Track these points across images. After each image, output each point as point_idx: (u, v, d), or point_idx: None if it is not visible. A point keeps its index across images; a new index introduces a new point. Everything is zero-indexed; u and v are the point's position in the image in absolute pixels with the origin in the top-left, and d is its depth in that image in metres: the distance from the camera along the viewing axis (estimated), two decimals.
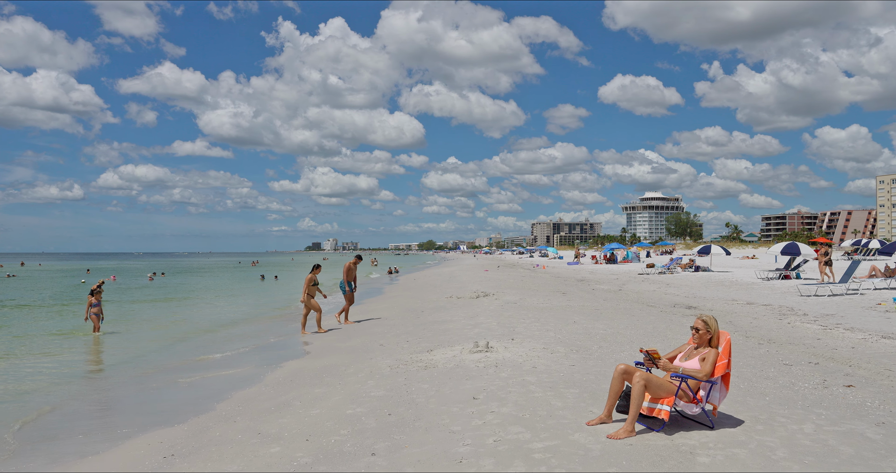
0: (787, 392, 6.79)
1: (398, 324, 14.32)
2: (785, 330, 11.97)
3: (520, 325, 12.26)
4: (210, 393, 8.61)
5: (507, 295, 20.04)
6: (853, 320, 13.23)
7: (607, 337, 10.66)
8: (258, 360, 11.11)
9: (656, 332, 11.44)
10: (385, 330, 13.58)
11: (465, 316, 14.44)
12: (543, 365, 8.06)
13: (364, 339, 12.36)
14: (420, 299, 21.52)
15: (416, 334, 12.21)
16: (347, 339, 12.77)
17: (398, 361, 9.14)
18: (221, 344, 13.75)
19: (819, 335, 11.24)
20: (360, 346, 11.46)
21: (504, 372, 7.62)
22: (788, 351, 9.59)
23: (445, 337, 11.26)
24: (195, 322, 19.49)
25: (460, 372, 7.85)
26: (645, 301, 18.62)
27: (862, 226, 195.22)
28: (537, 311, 15.02)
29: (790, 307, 16.07)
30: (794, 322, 13.07)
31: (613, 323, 12.65)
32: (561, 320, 13.19)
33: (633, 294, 21.54)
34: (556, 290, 22.77)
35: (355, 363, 9.56)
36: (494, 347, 9.37)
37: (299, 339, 13.59)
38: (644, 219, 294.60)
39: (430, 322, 14.13)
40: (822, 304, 16.51)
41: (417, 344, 10.83)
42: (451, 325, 13.08)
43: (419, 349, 10.15)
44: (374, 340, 12.02)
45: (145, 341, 15.06)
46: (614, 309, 15.65)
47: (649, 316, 14.10)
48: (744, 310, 15.63)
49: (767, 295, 19.64)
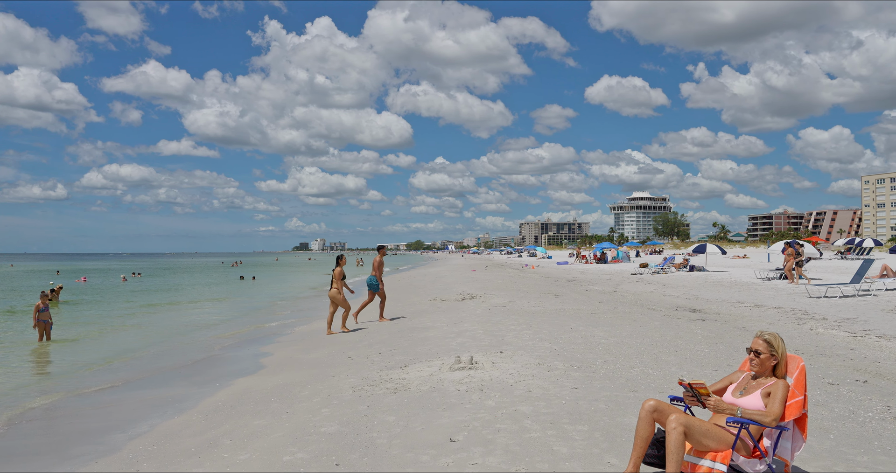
0: (852, 425, 5.33)
1: (373, 331, 12.77)
2: (809, 338, 10.55)
3: (509, 333, 10.76)
4: (123, 424, 7.04)
5: (495, 298, 18.54)
6: (880, 325, 11.85)
7: (611, 348, 9.17)
8: (202, 377, 9.53)
9: (665, 341, 9.98)
10: (358, 338, 12.03)
11: (449, 322, 12.92)
12: (540, 387, 6.55)
13: (331, 350, 10.80)
14: (401, 302, 19.96)
15: (391, 344, 10.67)
16: (313, 349, 11.21)
17: (364, 380, 7.60)
18: (167, 356, 12.16)
19: (851, 344, 9.83)
20: (325, 359, 9.90)
21: (491, 398, 6.09)
22: (825, 364, 8.15)
23: (424, 348, 9.73)
24: (151, 329, 17.85)
25: (437, 397, 6.33)
26: (644, 303, 17.19)
27: (847, 225, 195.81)
28: (528, 316, 13.53)
29: (804, 310, 14.68)
30: (815, 328, 11.66)
31: (615, 330, 11.18)
32: (555, 326, 11.70)
33: (630, 295, 20.11)
34: (548, 292, 21.30)
35: (314, 382, 8.02)
36: (480, 362, 7.85)
37: (258, 349, 12.00)
38: (632, 219, 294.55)
39: (410, 328, 12.60)
40: (837, 307, 15.14)
41: (391, 356, 9.30)
42: (432, 333, 11.55)
43: (392, 364, 8.62)
44: (343, 351, 10.47)
45: (88, 352, 13.42)
46: (613, 314, 14.19)
47: (653, 322, 12.64)
48: (754, 314, 14.23)
49: (773, 297, 18.28)
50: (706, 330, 11.34)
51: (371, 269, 14.81)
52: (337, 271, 13.64)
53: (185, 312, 22.44)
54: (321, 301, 25.00)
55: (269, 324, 17.06)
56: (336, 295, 13.43)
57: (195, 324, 18.36)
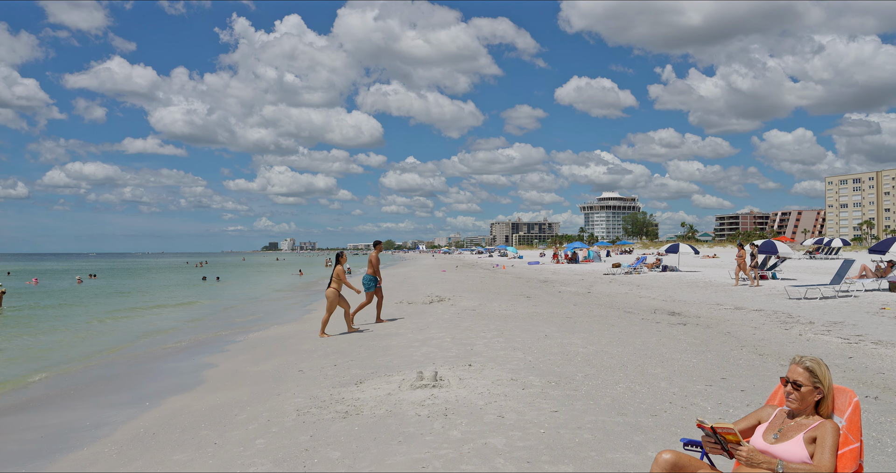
0: (882, 457, 4.50)
1: (331, 339, 11.74)
2: (801, 344, 9.82)
3: (479, 341, 9.83)
4: (16, 458, 5.92)
5: (465, 300, 17.63)
6: (870, 330, 11.20)
7: (591, 359, 8.30)
8: (131, 394, 8.41)
9: (648, 349, 9.15)
10: (314, 346, 11.00)
11: (414, 328, 11.96)
12: (513, 411, 5.62)
13: (283, 361, 9.75)
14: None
15: (349, 354, 9.66)
16: (264, 360, 10.14)
17: (312, 401, 6.60)
18: (98, 370, 11.00)
19: (847, 351, 9.11)
20: (273, 372, 8.86)
21: (456, 427, 5.15)
22: None
23: (384, 360, 8.75)
24: (91, 337, 16.56)
25: (393, 425, 5.36)
26: (619, 305, 16.42)
27: (811, 225, 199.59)
28: (500, 320, 12.63)
29: (787, 312, 14.04)
30: (804, 333, 10.96)
31: (593, 337, 10.33)
32: (529, 333, 10.81)
33: (604, 297, 19.37)
34: (520, 293, 20.45)
35: (255, 402, 6.98)
36: (445, 378, 6.90)
37: (204, 360, 10.89)
38: (601, 219, 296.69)
39: (371, 336, 11.60)
40: (820, 309, 14.54)
41: (346, 369, 8.30)
42: (396, 341, 10.58)
43: (346, 379, 7.63)
44: (296, 362, 9.43)
45: (9, 366, 12.16)
46: (588, 317, 13.38)
47: (632, 327, 11.84)
48: (736, 317, 13.53)
49: (752, 298, 17.68)
50: (689, 336, 10.56)
51: (367, 267, 13.69)
52: (338, 269, 12.54)
53: (134, 316, 21.09)
54: (282, 304, 23.82)
55: (222, 331, 15.90)
56: (332, 295, 12.37)
57: (142, 331, 17.11)
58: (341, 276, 12.48)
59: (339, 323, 13.85)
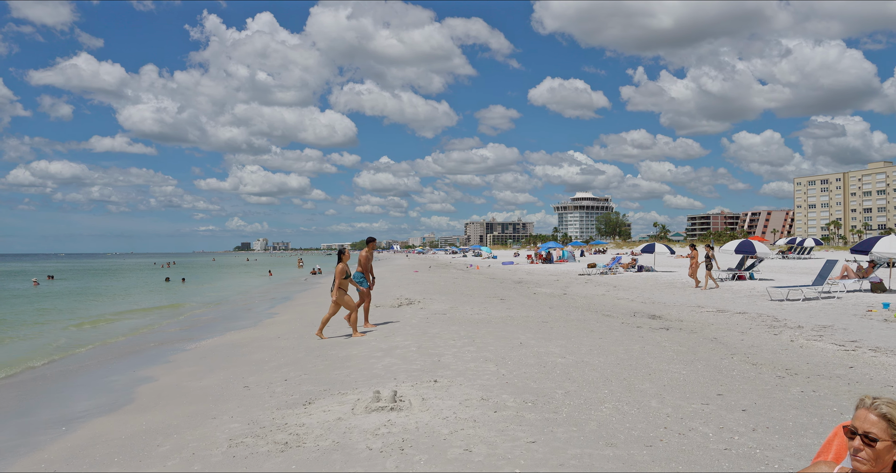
0: None
1: (287, 348, 10.75)
2: (795, 352, 9.11)
3: (448, 351, 8.95)
4: None
5: (436, 303, 16.75)
6: (863, 334, 10.56)
7: (570, 372, 7.47)
8: (50, 415, 7.34)
9: (632, 359, 8.35)
10: (266, 356, 10.01)
11: (379, 335, 11.04)
12: (483, 442, 4.75)
13: (230, 374, 8.75)
14: None
15: (302, 366, 8.71)
16: (210, 372, 9.13)
17: (250, 427, 5.65)
18: (19, 386, 9.87)
19: (845, 360, 8.41)
20: (216, 388, 7.87)
21: (414, 466, 4.25)
22: (831, 390, 6.64)
23: (341, 374, 7.83)
24: (29, 344, 15.34)
25: (338, 462, 4.45)
26: (597, 308, 15.67)
27: (780, 225, 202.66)
28: (472, 326, 11.77)
29: (772, 315, 13.40)
30: (796, 338, 10.26)
31: (571, 345, 9.51)
32: (502, 340, 9.96)
33: (581, 299, 18.62)
34: (493, 295, 19.63)
35: (186, 427, 6.01)
36: (406, 399, 6.01)
37: (142, 372, 9.82)
38: (575, 219, 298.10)
39: (332, 344, 10.65)
40: (805, 312, 13.94)
41: (297, 385, 7.36)
42: (357, 350, 9.65)
43: (295, 398, 6.69)
44: (243, 376, 8.45)
45: None
46: (565, 321, 12.58)
47: (612, 332, 11.06)
48: (720, 321, 12.85)
49: (733, 300, 17.07)
50: (674, 343, 9.80)
51: (356, 265, 12.61)
52: (339, 268, 11.41)
53: (82, 321, 19.80)
54: (244, 307, 22.70)
55: (172, 338, 14.79)
56: (341, 297, 11.33)
57: (86, 338, 15.91)
58: (339, 276, 11.38)
59: (341, 325, 12.87)
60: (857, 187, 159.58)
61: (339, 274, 11.45)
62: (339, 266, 11.55)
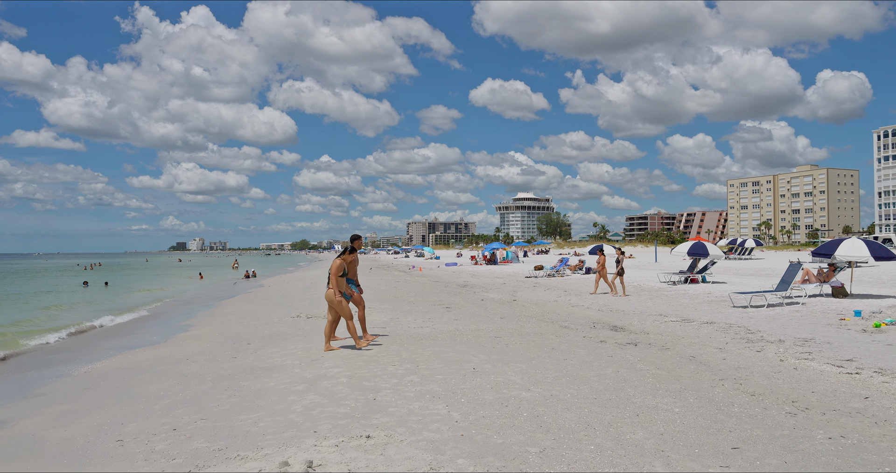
0: None
1: (192, 375, 8.88)
2: (788, 374, 7.86)
3: (386, 383, 7.30)
4: None
5: (375, 313, 15.06)
6: (853, 351, 9.46)
7: (540, 413, 5.94)
8: None
9: (609, 389, 6.91)
10: (164, 388, 8.13)
11: (304, 359, 9.28)
12: None
13: (105, 418, 6.86)
14: (258, 319, 16.01)
15: (203, 405, 6.90)
16: (81, 415, 7.19)
17: None
18: None
19: (854, 387, 7.17)
20: (77, 443, 5.98)
21: None
22: (859, 434, 5.31)
23: (246, 420, 6.08)
24: None
25: None
26: (552, 318, 14.29)
27: (714, 225, 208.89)
28: (415, 344, 10.15)
29: (744, 326, 12.28)
30: (784, 357, 9.05)
31: (533, 369, 8.02)
32: (451, 364, 8.38)
33: (533, 306, 17.25)
34: (438, 303, 18.06)
35: None
36: (323, 468, 4.33)
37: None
38: (517, 219, 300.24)
39: (246, 369, 8.84)
40: (775, 321, 12.90)
41: (185, 442, 5.57)
42: (275, 380, 7.89)
43: (175, 465, 4.93)
44: (121, 422, 6.58)
45: None
46: (521, 336, 11.12)
47: (576, 350, 9.64)
48: (689, 333, 11.62)
49: (693, 307, 16.01)
50: (650, 365, 8.44)
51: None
52: (336, 264, 9.47)
53: None
54: (158, 318, 20.41)
55: (57, 360, 12.61)
56: (333, 298, 9.50)
57: None
58: (335, 273, 9.52)
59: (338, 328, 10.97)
60: (787, 189, 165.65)
61: (334, 271, 9.53)
62: (337, 261, 9.61)
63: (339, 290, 9.66)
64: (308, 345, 10.55)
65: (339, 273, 9.64)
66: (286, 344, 10.96)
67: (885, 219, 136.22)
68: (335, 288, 9.65)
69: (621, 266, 19.98)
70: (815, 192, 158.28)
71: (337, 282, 9.64)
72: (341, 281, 9.75)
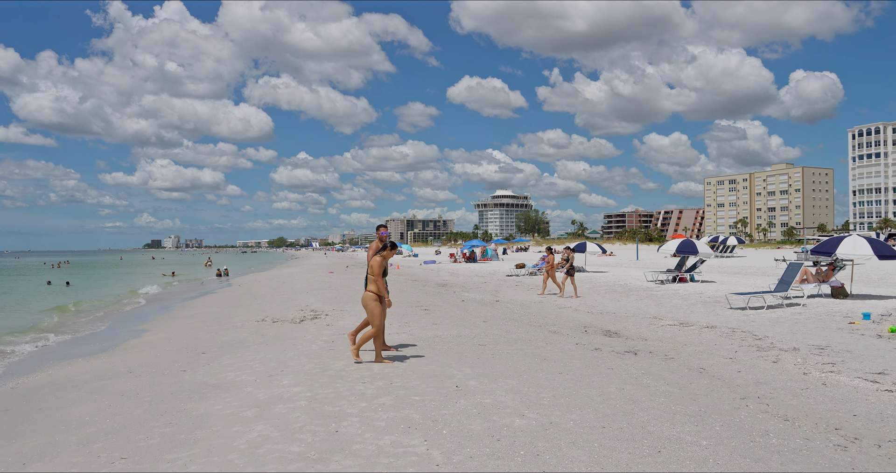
0: None
1: (129, 394, 7.63)
2: (818, 391, 6.83)
3: (353, 408, 6.13)
4: None
5: (347, 316, 13.87)
6: (881, 362, 8.48)
7: (540, 450, 4.83)
8: None
9: (618, 415, 5.83)
10: (90, 412, 6.88)
11: (259, 375, 8.08)
12: None
13: (10, 451, 5.61)
14: (220, 323, 14.72)
15: (128, 437, 5.68)
16: None
17: None
18: None
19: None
20: None
21: None
22: None
23: (173, 463, 4.89)
24: None
25: None
26: (539, 321, 13.21)
27: (691, 223, 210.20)
28: (389, 355, 8.98)
29: (749, 331, 11.28)
30: (806, 368, 8.03)
31: (525, 387, 6.91)
32: (430, 380, 7.24)
33: (517, 307, 16.15)
34: (416, 304, 16.89)
35: None
36: None
37: None
38: (495, 217, 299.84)
39: (190, 389, 7.61)
40: (781, 324, 11.94)
41: None
42: (222, 401, 6.69)
43: None
44: (24, 461, 5.35)
45: None
46: (508, 343, 10.01)
47: (570, 360, 8.56)
48: (691, 339, 10.60)
49: (688, 308, 15.04)
50: (658, 379, 7.37)
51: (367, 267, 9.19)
52: (377, 261, 8.25)
53: None
54: (113, 321, 18.97)
55: None
56: (371, 302, 8.18)
57: None
58: (379, 270, 8.24)
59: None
60: (763, 187, 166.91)
61: (377, 271, 8.22)
62: (376, 258, 8.26)
63: (381, 294, 8.36)
64: (268, 356, 9.33)
65: (381, 273, 8.37)
66: (244, 355, 9.73)
67: (859, 216, 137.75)
68: (380, 290, 8.32)
69: (570, 265, 18.87)
70: (791, 190, 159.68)
71: (377, 283, 8.32)
72: (383, 282, 8.48)
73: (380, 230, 9.15)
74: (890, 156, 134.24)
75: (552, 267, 19.51)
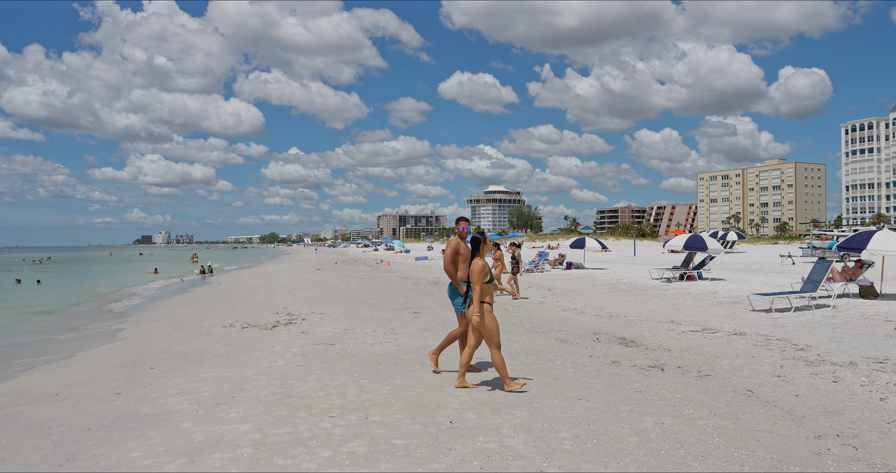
0: None
1: (36, 430, 6.07)
2: None
3: (310, 464, 4.59)
4: None
5: (326, 321, 12.32)
6: None
7: None
8: None
9: (667, 464, 4.34)
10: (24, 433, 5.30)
11: (205, 402, 6.53)
12: None
13: None
14: (184, 328, 13.15)
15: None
16: None
17: None
18: None
19: None
20: None
21: None
22: None
23: None
24: None
25: None
26: (543, 327, 11.72)
27: (684, 219, 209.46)
28: (368, 373, 7.46)
29: (785, 338, 9.81)
30: (882, 392, 6.56)
31: (539, 422, 5.41)
32: (417, 411, 5.72)
33: (516, 309, 14.65)
34: (405, 306, 15.36)
35: None
36: None
37: None
38: (488, 212, 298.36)
39: (114, 422, 6.06)
40: (818, 330, 10.49)
41: None
42: (140, 450, 5.15)
43: None
44: None
45: None
46: (509, 357, 8.50)
47: (588, 380, 7.06)
48: (722, 349, 9.11)
49: (705, 310, 13.59)
50: (699, 407, 5.89)
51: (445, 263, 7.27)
52: (479, 265, 6.37)
53: None
54: (84, 322, 17.32)
55: None
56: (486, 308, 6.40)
57: None
58: (476, 278, 6.32)
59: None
60: (755, 183, 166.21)
61: (478, 276, 6.35)
62: (478, 261, 6.42)
63: (488, 302, 6.45)
64: (223, 374, 7.78)
65: (484, 277, 6.41)
66: (197, 371, 8.18)
67: (852, 212, 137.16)
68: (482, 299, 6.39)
69: (517, 264, 17.23)
70: (784, 186, 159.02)
71: (483, 290, 6.40)
72: (487, 289, 6.48)
73: (460, 224, 7.42)
74: (883, 152, 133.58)
75: (502, 265, 17.39)
